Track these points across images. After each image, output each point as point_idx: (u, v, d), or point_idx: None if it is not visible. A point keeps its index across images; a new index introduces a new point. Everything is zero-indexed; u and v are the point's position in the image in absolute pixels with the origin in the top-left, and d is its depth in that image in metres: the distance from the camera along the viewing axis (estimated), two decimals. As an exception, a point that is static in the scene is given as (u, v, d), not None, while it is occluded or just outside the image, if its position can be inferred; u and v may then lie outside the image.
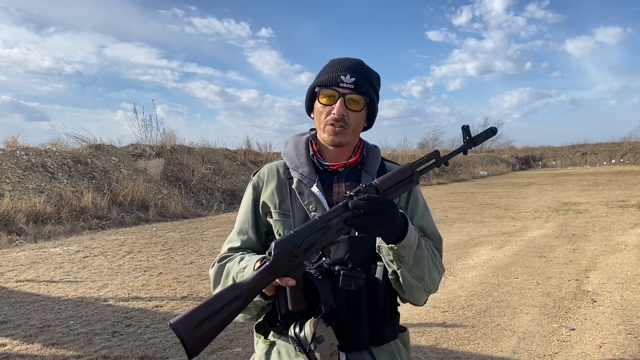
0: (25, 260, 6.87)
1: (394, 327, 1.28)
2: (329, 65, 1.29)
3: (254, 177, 1.39)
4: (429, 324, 4.14)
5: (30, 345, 3.73)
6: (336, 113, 1.23)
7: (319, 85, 1.26)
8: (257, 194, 1.35)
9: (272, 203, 1.31)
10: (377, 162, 1.36)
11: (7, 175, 10.18)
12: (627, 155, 36.82)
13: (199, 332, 0.94)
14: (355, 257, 1.17)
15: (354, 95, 1.23)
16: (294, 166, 1.31)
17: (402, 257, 1.13)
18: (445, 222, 10.06)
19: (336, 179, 1.31)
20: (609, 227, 8.63)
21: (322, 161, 1.31)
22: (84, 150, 12.66)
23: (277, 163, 1.38)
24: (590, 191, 15.96)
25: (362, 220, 1.05)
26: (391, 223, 1.09)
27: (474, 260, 6.52)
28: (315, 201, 1.25)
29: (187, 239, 8.66)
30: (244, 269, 1.19)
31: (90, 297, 5.03)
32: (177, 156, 14.83)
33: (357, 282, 1.13)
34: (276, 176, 1.34)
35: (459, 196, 16.07)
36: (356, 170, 1.33)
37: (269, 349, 1.28)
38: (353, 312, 1.16)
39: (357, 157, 1.32)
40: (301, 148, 1.34)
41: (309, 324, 1.09)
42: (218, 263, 1.32)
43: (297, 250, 1.03)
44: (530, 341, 3.70)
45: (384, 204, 1.07)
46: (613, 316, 4.15)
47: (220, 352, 3.55)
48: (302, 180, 1.28)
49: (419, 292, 1.22)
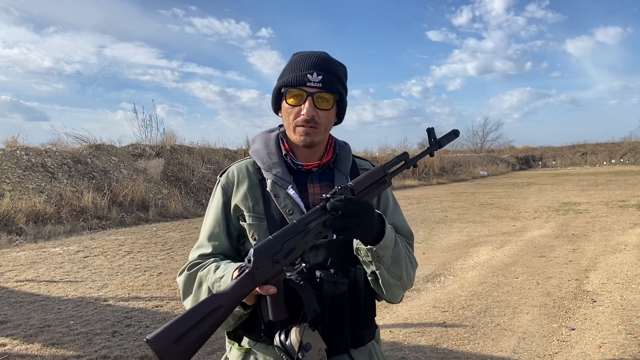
0: (25, 260, 6.87)
1: (372, 328, 1.28)
2: (293, 63, 1.23)
3: (221, 177, 1.31)
4: (429, 324, 4.14)
5: (30, 345, 3.73)
6: (306, 114, 1.18)
7: (285, 85, 1.21)
8: (228, 196, 1.27)
9: (245, 206, 1.24)
10: (349, 160, 1.33)
11: (7, 175, 10.18)
12: (627, 155, 36.83)
13: (178, 348, 0.89)
14: (336, 261, 1.16)
15: (322, 94, 1.19)
16: (266, 166, 1.25)
17: (380, 258, 1.13)
18: (445, 222, 10.06)
19: (310, 179, 1.27)
20: (609, 227, 8.63)
21: (295, 161, 1.26)
22: (84, 150, 12.66)
23: (246, 162, 1.31)
24: (590, 191, 15.96)
25: (341, 222, 1.04)
26: (369, 224, 1.08)
27: (474, 260, 6.52)
28: (291, 204, 1.21)
29: (187, 239, 8.66)
30: (220, 279, 1.12)
31: (90, 297, 5.03)
32: (177, 156, 14.83)
33: (340, 287, 1.11)
34: (247, 177, 1.27)
35: (459, 196, 16.07)
36: (329, 169, 1.30)
37: (245, 357, 1.23)
38: (336, 317, 1.14)
39: (331, 155, 1.29)
40: (272, 147, 1.28)
41: (294, 331, 1.05)
42: (188, 271, 1.24)
43: (277, 256, 0.99)
44: (530, 341, 3.70)
45: (361, 205, 1.06)
46: (613, 316, 4.15)
47: (221, 352, 3.55)
48: (277, 181, 1.23)
49: (397, 291, 1.22)
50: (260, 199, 1.24)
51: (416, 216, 11.18)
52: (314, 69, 1.19)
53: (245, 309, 1.11)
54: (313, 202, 1.24)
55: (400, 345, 3.70)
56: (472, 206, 12.99)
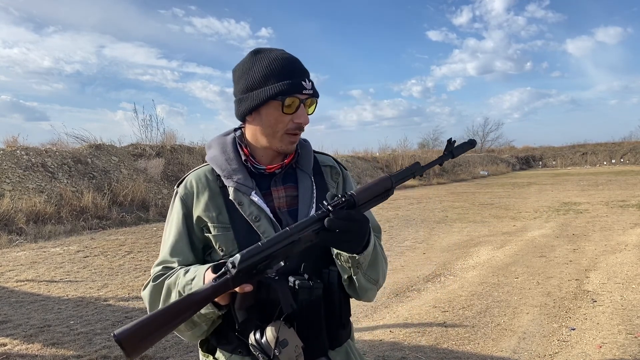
0: (25, 260, 6.87)
1: (348, 328, 1.27)
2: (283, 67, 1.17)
3: (179, 188, 1.26)
4: (429, 324, 4.13)
5: (31, 345, 3.73)
6: (304, 122, 1.18)
7: (283, 94, 1.14)
8: (188, 208, 1.22)
9: (208, 217, 1.19)
10: (310, 159, 1.30)
11: (7, 175, 10.18)
12: (627, 155, 36.82)
13: (144, 346, 0.91)
14: (310, 265, 1.12)
15: (313, 99, 1.19)
16: (226, 174, 1.20)
17: (360, 264, 1.11)
18: (445, 222, 10.05)
19: (274, 182, 1.23)
20: (609, 227, 8.63)
21: (256, 165, 1.23)
22: (84, 150, 12.66)
23: (204, 170, 1.26)
24: (591, 191, 15.95)
25: (334, 236, 1.01)
26: (362, 239, 1.06)
27: (474, 260, 6.52)
28: (257, 210, 1.17)
29: (187, 238, 8.66)
30: (192, 280, 1.08)
31: (90, 297, 5.03)
32: (177, 156, 14.84)
33: (315, 292, 1.08)
34: (207, 186, 1.22)
35: (459, 196, 16.07)
36: (291, 170, 1.27)
37: None
38: (313, 323, 1.12)
39: (293, 155, 1.26)
40: (230, 152, 1.23)
41: (270, 328, 1.03)
42: (153, 282, 1.19)
43: (261, 265, 0.98)
44: (531, 341, 3.70)
45: (359, 222, 1.03)
46: (613, 316, 4.15)
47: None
48: (239, 189, 1.18)
49: (372, 293, 1.21)
50: (224, 208, 1.19)
51: (416, 216, 11.18)
52: (305, 76, 1.18)
53: (219, 309, 1.08)
54: (278, 205, 1.21)
55: (400, 345, 3.69)
56: (472, 206, 12.98)
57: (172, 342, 3.75)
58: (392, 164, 24.30)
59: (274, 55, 1.19)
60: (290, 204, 1.23)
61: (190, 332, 1.14)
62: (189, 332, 1.15)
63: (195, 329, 1.14)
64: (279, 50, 1.23)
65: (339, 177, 1.34)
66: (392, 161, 24.67)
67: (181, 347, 3.67)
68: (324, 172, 1.32)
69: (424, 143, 42.46)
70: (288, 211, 1.21)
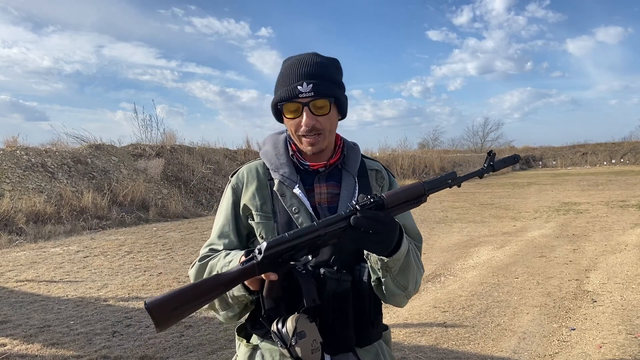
0: (25, 260, 6.87)
1: (378, 328, 1.27)
2: (284, 74, 1.24)
3: (232, 178, 1.35)
4: (429, 324, 4.13)
5: (31, 345, 3.73)
6: (306, 125, 1.20)
7: (280, 101, 1.22)
8: (237, 196, 1.31)
9: (254, 205, 1.27)
10: (357, 161, 1.34)
11: (7, 175, 10.18)
12: (627, 155, 36.80)
13: (172, 317, 0.96)
14: (340, 259, 1.16)
15: (316, 102, 1.19)
16: (274, 167, 1.28)
17: (389, 268, 1.12)
18: (445, 222, 10.05)
19: (317, 179, 1.28)
20: (609, 227, 8.63)
21: (302, 161, 1.29)
22: (84, 150, 12.65)
23: (256, 163, 1.35)
24: (591, 191, 15.95)
25: (361, 235, 1.03)
26: (389, 242, 1.07)
27: (474, 260, 6.52)
28: (297, 203, 1.23)
29: (187, 239, 8.66)
30: (229, 263, 1.17)
31: (90, 297, 5.03)
32: (177, 156, 14.83)
33: (343, 285, 1.13)
34: (256, 177, 1.31)
35: (459, 196, 16.06)
36: (337, 170, 1.31)
37: (252, 353, 1.26)
38: (339, 314, 1.14)
39: (338, 156, 1.31)
40: (280, 148, 1.32)
41: (291, 319, 1.07)
42: (199, 262, 1.28)
43: (286, 255, 1.02)
44: (531, 341, 3.70)
45: (387, 224, 1.04)
46: (613, 316, 4.15)
47: (220, 352, 3.55)
48: (284, 181, 1.26)
49: (400, 299, 1.22)
50: (269, 198, 1.27)
51: (416, 216, 11.15)
52: (303, 79, 1.19)
53: (250, 293, 1.13)
54: (319, 201, 1.26)
55: (400, 345, 3.69)
56: (472, 206, 12.99)
57: (172, 342, 3.75)
58: (392, 164, 24.30)
59: (286, 63, 1.26)
60: (331, 201, 1.28)
61: (224, 312, 1.22)
62: (223, 312, 1.22)
63: (228, 309, 1.21)
64: (297, 56, 1.27)
65: (384, 182, 1.37)
66: (392, 161, 24.67)
67: (181, 347, 3.67)
68: (370, 175, 1.35)
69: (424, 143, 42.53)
70: (328, 207, 1.27)
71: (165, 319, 0.95)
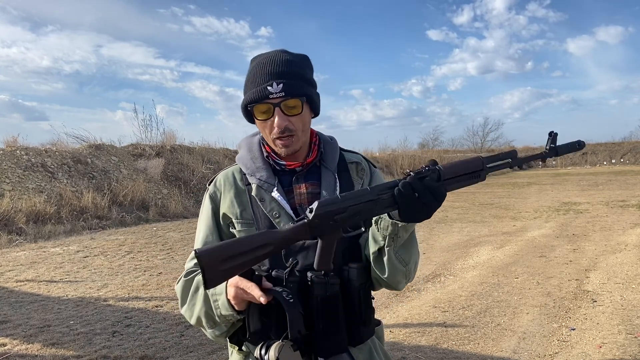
0: (25, 260, 6.87)
1: (371, 325, 1.26)
2: (252, 74, 1.20)
3: (209, 186, 1.31)
4: (429, 324, 4.13)
5: (30, 345, 3.73)
6: (278, 126, 1.17)
7: (250, 103, 1.18)
8: (216, 204, 1.27)
9: (233, 213, 1.24)
10: (335, 156, 1.30)
11: (7, 175, 10.18)
12: (627, 155, 36.81)
13: (220, 268, 0.93)
14: None
15: (288, 101, 1.16)
16: (250, 171, 1.25)
17: (397, 237, 1.10)
18: (445, 222, 10.05)
19: (295, 179, 1.25)
20: (609, 227, 8.63)
21: (278, 161, 1.25)
22: (84, 150, 12.66)
23: (232, 169, 1.31)
24: (591, 191, 15.95)
25: (411, 202, 1.01)
26: (427, 213, 1.05)
27: (474, 260, 6.52)
28: (277, 207, 1.21)
29: (187, 238, 8.66)
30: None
31: (90, 297, 5.03)
32: (177, 156, 14.83)
33: (330, 288, 1.10)
34: (233, 184, 1.27)
35: (459, 196, 16.06)
36: (315, 168, 1.28)
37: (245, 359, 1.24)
38: (330, 318, 1.12)
39: (315, 155, 1.28)
40: (255, 151, 1.28)
41: (274, 347, 1.03)
42: (185, 278, 1.24)
43: (339, 216, 0.99)
44: (531, 341, 3.70)
45: (437, 196, 1.03)
46: (613, 316, 4.15)
47: (220, 352, 3.55)
48: (262, 185, 1.23)
49: (400, 276, 1.18)
50: (248, 204, 1.24)
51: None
52: (272, 79, 1.16)
53: (238, 313, 1.11)
54: (299, 202, 1.23)
55: (400, 345, 3.69)
56: (472, 206, 12.99)
57: (172, 342, 3.75)
58: (392, 164, 24.31)
59: (255, 62, 1.22)
60: (312, 201, 1.23)
61: (211, 330, 1.20)
62: (210, 330, 1.20)
63: (215, 327, 1.19)
64: (265, 54, 1.23)
65: (364, 174, 1.33)
66: (392, 161, 24.68)
67: (181, 347, 3.67)
68: (350, 169, 1.32)
69: (424, 143, 42.55)
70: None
71: (214, 270, 0.92)
